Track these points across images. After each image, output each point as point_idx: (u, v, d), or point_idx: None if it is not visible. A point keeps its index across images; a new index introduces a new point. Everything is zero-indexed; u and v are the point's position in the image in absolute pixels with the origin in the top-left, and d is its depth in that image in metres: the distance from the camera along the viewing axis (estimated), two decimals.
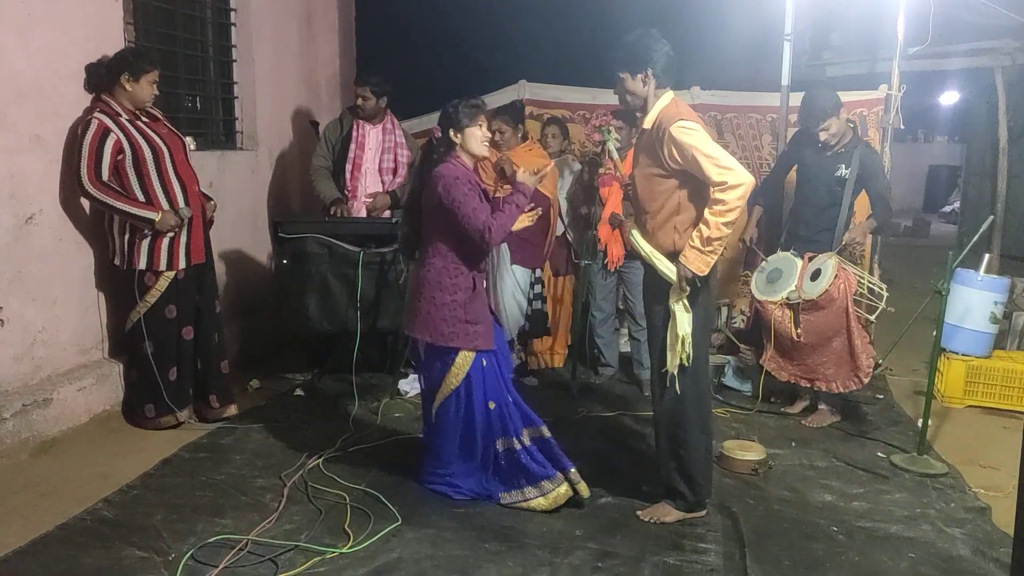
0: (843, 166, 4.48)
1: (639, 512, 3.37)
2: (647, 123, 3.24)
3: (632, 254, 4.60)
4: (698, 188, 3.18)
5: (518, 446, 3.45)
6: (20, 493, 3.40)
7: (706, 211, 3.11)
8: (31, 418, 3.78)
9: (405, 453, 3.92)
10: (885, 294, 4.42)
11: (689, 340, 3.22)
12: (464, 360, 3.41)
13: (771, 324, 4.51)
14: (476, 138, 3.41)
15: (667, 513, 3.36)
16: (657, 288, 3.31)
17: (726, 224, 3.08)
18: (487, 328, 3.47)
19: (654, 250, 3.27)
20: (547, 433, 3.52)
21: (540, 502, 3.41)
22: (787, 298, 4.42)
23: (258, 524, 3.20)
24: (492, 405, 3.45)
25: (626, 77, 3.23)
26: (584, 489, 3.45)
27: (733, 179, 3.05)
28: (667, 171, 3.19)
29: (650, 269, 3.35)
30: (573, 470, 3.45)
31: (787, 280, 4.46)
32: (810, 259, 4.47)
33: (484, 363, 3.44)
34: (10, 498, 3.35)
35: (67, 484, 3.51)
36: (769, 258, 4.69)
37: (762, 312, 4.58)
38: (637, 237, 3.35)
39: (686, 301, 3.22)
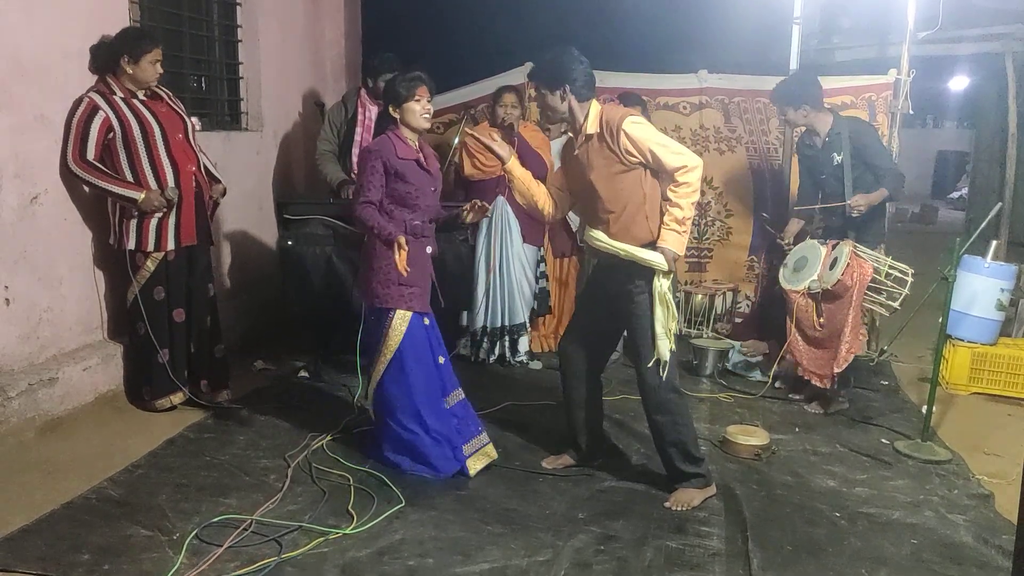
0: (835, 154, 4.51)
1: (666, 503, 3.37)
2: (590, 129, 3.30)
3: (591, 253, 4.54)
4: (653, 175, 3.32)
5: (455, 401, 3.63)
6: (26, 472, 3.42)
7: (671, 195, 3.26)
8: (37, 397, 3.79)
9: None
10: (910, 279, 4.31)
11: (675, 324, 3.35)
12: (401, 319, 3.49)
13: (794, 314, 4.48)
14: (415, 112, 3.47)
15: (691, 497, 3.38)
16: (634, 281, 3.32)
17: (693, 204, 3.29)
18: (423, 291, 3.57)
19: (629, 245, 3.30)
20: (462, 396, 3.69)
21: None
22: (808, 288, 4.40)
23: (262, 504, 3.22)
24: (441, 360, 3.59)
25: (546, 93, 3.34)
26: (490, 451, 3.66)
27: (690, 161, 3.23)
28: (628, 165, 3.27)
29: (612, 268, 3.39)
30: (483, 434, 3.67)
31: (811, 268, 4.44)
32: (833, 247, 4.46)
33: (426, 321, 3.56)
34: (16, 477, 3.37)
35: (73, 463, 3.53)
36: (796, 246, 4.67)
37: (787, 301, 4.56)
38: (604, 238, 3.34)
39: (670, 284, 3.33)
